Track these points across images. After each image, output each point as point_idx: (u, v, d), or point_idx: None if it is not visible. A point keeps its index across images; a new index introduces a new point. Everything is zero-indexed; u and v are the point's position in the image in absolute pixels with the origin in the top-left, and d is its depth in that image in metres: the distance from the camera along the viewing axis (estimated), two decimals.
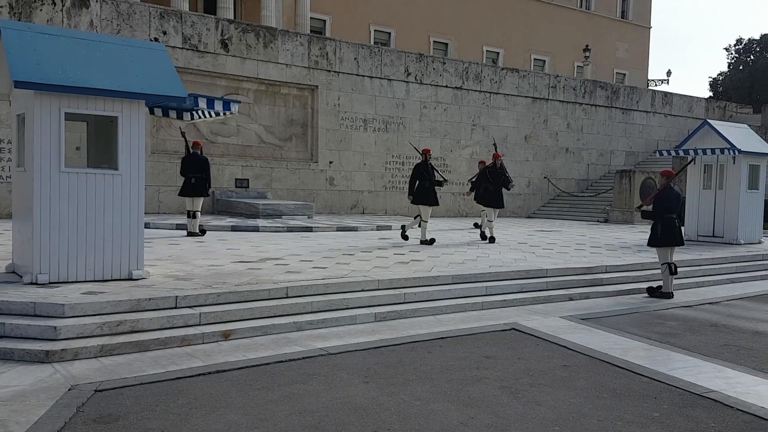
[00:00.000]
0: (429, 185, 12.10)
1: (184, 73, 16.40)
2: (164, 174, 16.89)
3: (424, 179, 12.08)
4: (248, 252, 10.17)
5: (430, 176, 12.11)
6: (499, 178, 12.91)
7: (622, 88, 27.43)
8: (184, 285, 7.06)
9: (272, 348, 5.99)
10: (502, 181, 12.92)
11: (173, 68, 7.49)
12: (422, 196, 12.12)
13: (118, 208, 7.08)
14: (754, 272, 11.70)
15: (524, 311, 7.98)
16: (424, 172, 12.11)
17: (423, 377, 5.27)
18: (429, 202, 12.13)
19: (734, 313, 8.40)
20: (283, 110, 19.19)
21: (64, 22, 15.50)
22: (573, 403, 4.76)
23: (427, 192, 12.08)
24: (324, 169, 19.59)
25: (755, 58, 57.66)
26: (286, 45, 18.73)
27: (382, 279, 7.97)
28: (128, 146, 7.12)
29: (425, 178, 12.08)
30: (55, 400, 4.53)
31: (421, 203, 12.16)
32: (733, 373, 5.62)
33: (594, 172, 25.89)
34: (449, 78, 21.91)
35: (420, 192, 12.13)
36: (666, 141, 27.21)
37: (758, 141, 15.16)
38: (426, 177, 12.08)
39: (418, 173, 12.15)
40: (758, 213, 14.70)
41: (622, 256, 11.23)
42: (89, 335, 5.74)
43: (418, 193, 12.16)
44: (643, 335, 6.95)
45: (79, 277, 6.92)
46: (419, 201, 12.15)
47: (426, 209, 12.17)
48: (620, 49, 42.67)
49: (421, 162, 12.28)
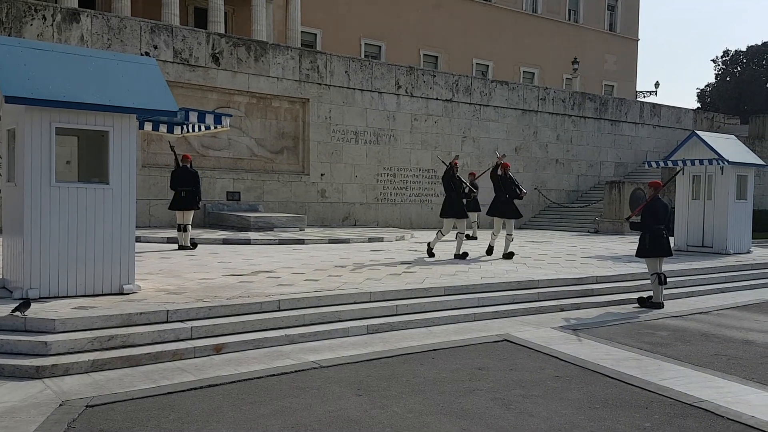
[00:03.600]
0: (456, 197, 11.86)
1: (175, 86, 16.42)
2: (155, 187, 16.86)
3: (450, 190, 11.88)
4: (240, 265, 10.15)
5: (456, 187, 11.87)
6: (510, 188, 12.34)
7: (611, 99, 27.67)
8: (176, 299, 7.04)
9: (264, 361, 5.97)
10: (513, 191, 12.36)
11: (164, 82, 7.51)
12: (444, 208, 12.01)
13: (109, 222, 7.07)
14: (744, 282, 11.77)
15: (516, 322, 8.00)
16: (452, 182, 11.89)
17: (416, 389, 5.27)
18: (446, 213, 11.95)
19: (724, 322, 8.45)
20: (275, 123, 19.22)
21: (54, 36, 15.50)
22: (565, 414, 4.77)
23: (452, 204, 11.85)
24: (315, 182, 19.61)
25: (742, 69, 58.32)
26: (277, 58, 18.80)
27: (374, 291, 7.97)
28: (119, 160, 7.12)
29: (451, 189, 11.87)
30: (46, 416, 4.50)
31: (442, 215, 12.10)
32: (723, 382, 5.65)
33: (584, 183, 26.05)
34: (439, 90, 22.04)
35: (446, 204, 11.97)
36: (655, 152, 27.42)
37: (746, 151, 15.31)
38: (452, 188, 11.87)
39: (446, 184, 11.98)
40: (747, 223, 14.82)
41: (613, 267, 11.29)
42: (80, 350, 5.71)
43: (444, 205, 12.03)
44: (634, 345, 6.98)
45: (69, 292, 6.89)
46: (442, 213, 12.08)
47: (449, 222, 11.98)
48: (608, 61, 43.04)
49: (449, 173, 11.99)
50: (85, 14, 16.06)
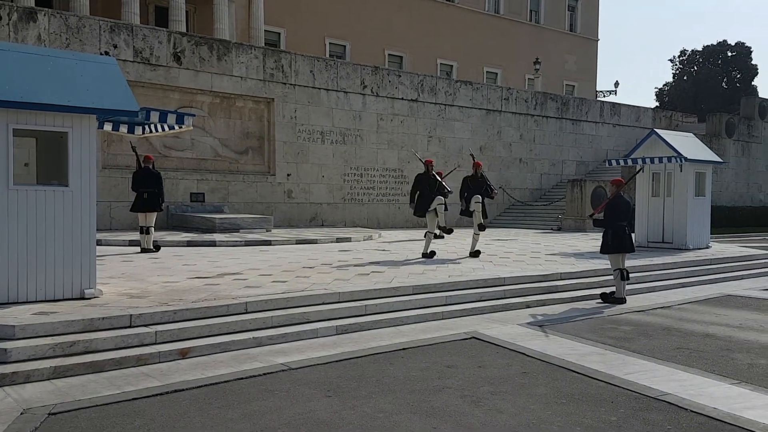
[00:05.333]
0: (429, 194, 11.91)
1: (135, 86, 16.12)
2: (116, 189, 16.54)
3: (425, 190, 11.95)
4: (205, 267, 10.02)
5: (431, 187, 11.94)
6: (481, 187, 12.43)
7: (572, 99, 28.10)
8: (139, 303, 6.92)
9: (232, 365, 5.90)
10: (484, 190, 12.45)
11: (124, 82, 7.37)
12: (424, 206, 12.00)
13: (69, 225, 6.91)
14: (703, 276, 12.07)
15: (483, 320, 8.07)
16: (426, 183, 11.99)
17: (386, 389, 5.27)
18: (422, 211, 12.01)
19: (685, 316, 8.65)
20: (239, 123, 19.03)
21: (11, 36, 15.09)
22: (533, 410, 4.83)
23: (428, 203, 11.91)
24: (282, 182, 19.48)
25: (698, 68, 59.83)
26: (241, 58, 18.61)
27: (343, 291, 7.95)
28: (79, 162, 6.97)
29: (426, 189, 11.95)
30: (7, 425, 4.37)
31: (423, 215, 12.13)
32: (686, 375, 5.78)
33: (547, 182, 26.40)
34: (405, 90, 22.09)
35: (422, 203, 12.01)
36: (615, 150, 27.94)
37: (704, 149, 15.69)
38: (427, 188, 11.94)
39: (419, 184, 12.08)
40: (705, 219, 15.19)
41: (576, 264, 11.46)
42: (41, 357, 5.56)
43: (419, 204, 12.05)
44: (599, 340, 7.09)
45: (30, 297, 6.71)
46: (421, 212, 12.09)
47: (431, 217, 12.06)
48: (569, 61, 43.70)
49: (423, 173, 12.19)
50: (42, 13, 15.67)
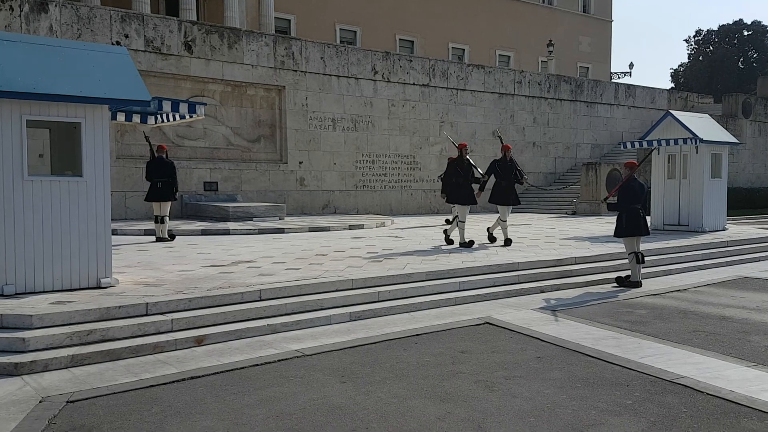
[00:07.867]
0: (464, 182, 11.26)
1: (147, 76, 16.17)
2: (130, 179, 16.64)
3: (459, 176, 11.27)
4: (219, 256, 10.07)
5: (465, 173, 11.27)
6: (511, 172, 11.69)
7: (586, 81, 27.81)
8: (155, 291, 6.97)
9: (247, 352, 5.95)
10: (513, 175, 11.70)
11: (136, 72, 7.38)
12: (456, 194, 11.34)
13: (84, 215, 6.97)
14: (720, 259, 11.96)
15: (497, 305, 8.05)
16: (459, 168, 11.33)
17: (399, 375, 5.28)
18: (463, 200, 11.30)
19: (701, 299, 8.58)
20: (251, 111, 19.04)
21: (22, 27, 15.16)
22: (547, 394, 4.82)
23: (461, 189, 11.27)
24: (294, 170, 19.50)
25: (714, 48, 58.96)
26: (251, 45, 18.58)
27: (356, 278, 7.96)
28: (92, 152, 7.01)
29: (460, 174, 11.27)
30: (26, 413, 4.44)
31: (456, 202, 11.43)
32: (702, 358, 5.74)
33: (561, 166, 26.22)
34: (416, 75, 21.97)
35: (454, 190, 11.36)
36: (630, 132, 27.68)
37: (719, 130, 15.50)
38: (461, 174, 11.26)
39: (453, 170, 11.42)
40: (721, 201, 15.03)
41: (591, 248, 11.40)
42: (59, 346, 5.63)
43: (452, 191, 11.42)
44: (614, 324, 7.06)
45: (46, 287, 6.79)
46: (454, 200, 11.42)
47: (463, 208, 11.38)
48: (583, 43, 43.21)
49: (456, 157, 11.56)
50: (54, 4, 15.71)
